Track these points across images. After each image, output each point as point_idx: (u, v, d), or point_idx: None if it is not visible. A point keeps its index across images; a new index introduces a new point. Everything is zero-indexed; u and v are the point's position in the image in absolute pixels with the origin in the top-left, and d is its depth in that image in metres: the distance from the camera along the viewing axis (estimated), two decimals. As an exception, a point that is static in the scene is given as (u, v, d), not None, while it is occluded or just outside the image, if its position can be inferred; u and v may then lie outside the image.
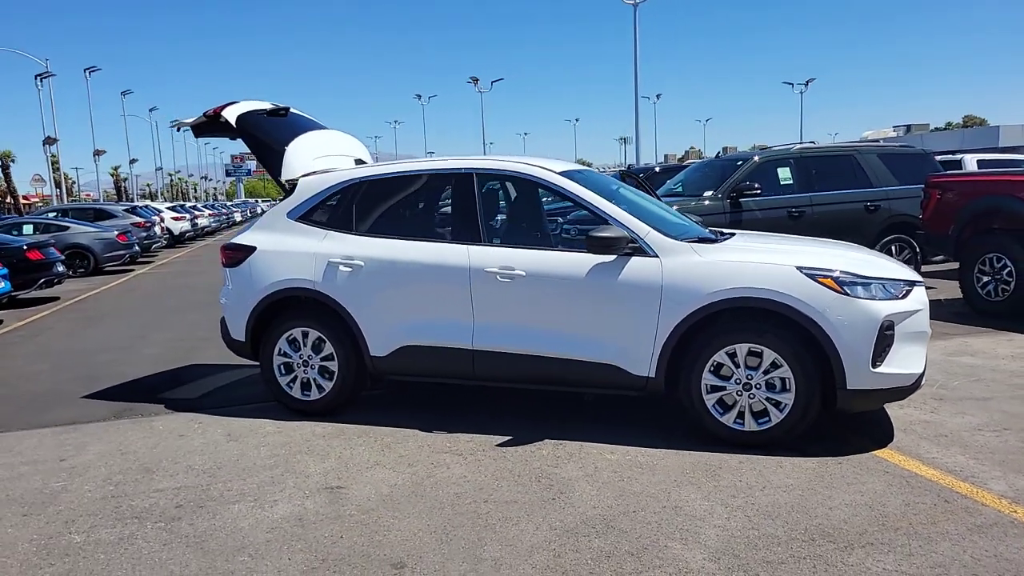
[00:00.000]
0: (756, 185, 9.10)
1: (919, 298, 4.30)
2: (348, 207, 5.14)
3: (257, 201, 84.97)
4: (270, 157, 5.35)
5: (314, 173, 5.39)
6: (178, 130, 5.83)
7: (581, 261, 4.50)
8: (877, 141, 22.94)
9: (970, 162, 13.68)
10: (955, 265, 8.50)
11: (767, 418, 4.26)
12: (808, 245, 4.83)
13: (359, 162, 5.89)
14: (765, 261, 4.29)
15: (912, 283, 4.34)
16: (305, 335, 5.13)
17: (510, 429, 4.74)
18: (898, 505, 3.56)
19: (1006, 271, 7.73)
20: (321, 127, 5.95)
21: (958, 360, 6.09)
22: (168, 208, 28.02)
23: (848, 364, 4.09)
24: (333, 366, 5.09)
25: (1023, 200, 7.57)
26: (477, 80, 51.46)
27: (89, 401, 5.93)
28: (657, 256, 4.40)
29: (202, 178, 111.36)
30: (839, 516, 3.46)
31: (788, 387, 4.19)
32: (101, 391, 6.22)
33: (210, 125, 5.51)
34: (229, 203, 55.89)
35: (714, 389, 4.33)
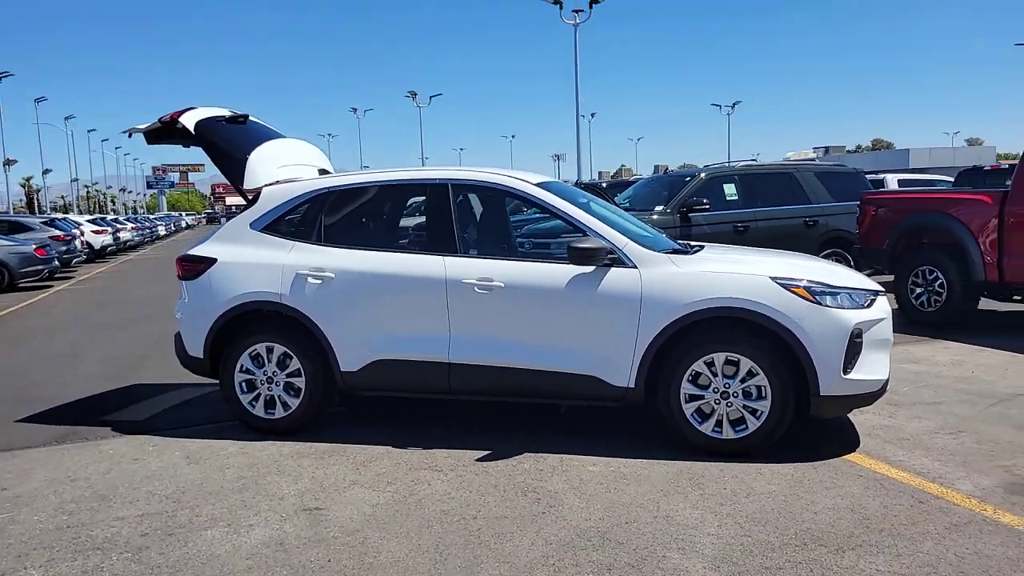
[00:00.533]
0: (704, 200, 9.31)
1: (883, 307, 4.44)
2: (316, 218, 4.99)
3: (181, 215, 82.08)
4: (232, 166, 5.16)
5: (278, 182, 5.22)
6: (130, 136, 5.57)
7: (559, 272, 4.49)
8: (813, 160, 23.87)
9: (892, 181, 14.37)
10: (889, 277, 8.87)
11: (744, 426, 4.31)
12: (776, 257, 4.95)
13: (322, 172, 5.75)
14: (740, 272, 4.36)
15: (875, 293, 4.49)
16: (270, 350, 4.94)
17: (486, 443, 4.67)
18: (877, 507, 3.65)
19: (938, 283, 8.10)
20: (280, 136, 5.79)
21: (904, 367, 6.32)
22: (88, 221, 26.81)
23: (821, 371, 4.18)
24: (300, 382, 4.91)
25: (952, 216, 7.96)
26: (416, 94, 51.19)
27: (24, 425, 5.56)
28: (636, 267, 4.42)
29: (121, 190, 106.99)
30: (825, 520, 3.52)
31: (764, 395, 4.26)
32: (36, 414, 5.84)
33: (166, 131, 5.28)
34: (152, 216, 53.96)
35: (692, 398, 4.37)
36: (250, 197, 5.20)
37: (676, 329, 4.31)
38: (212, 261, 5.04)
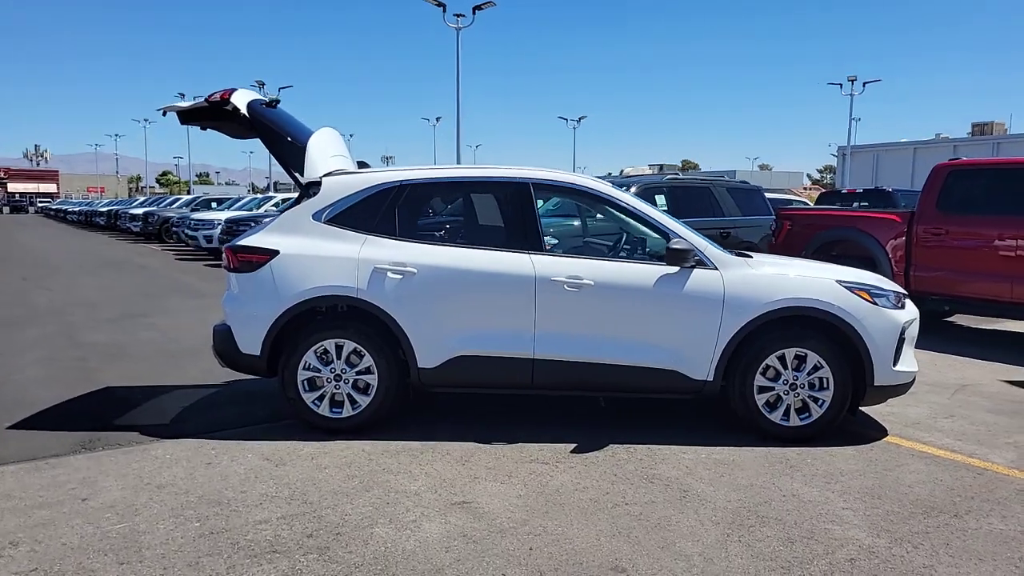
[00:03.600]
0: None
1: (912, 308, 5.11)
2: (390, 211, 4.89)
3: None
4: (291, 153, 4.92)
5: (336, 173, 5.05)
6: (164, 114, 5.14)
7: (647, 272, 4.74)
8: (663, 173, 25.49)
9: (762, 198, 15.85)
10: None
11: (808, 414, 4.79)
12: (812, 263, 5.49)
13: (361, 164, 5.60)
14: (810, 275, 4.85)
15: (905, 296, 5.14)
16: (339, 347, 4.77)
17: (561, 436, 4.80)
18: (950, 480, 4.23)
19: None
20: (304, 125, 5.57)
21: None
22: None
23: (877, 364, 4.75)
24: (371, 380, 4.79)
25: (866, 232, 9.08)
26: (263, 83, 47.97)
27: (24, 433, 4.93)
28: (717, 269, 4.77)
29: None
30: (922, 492, 4.05)
31: (827, 386, 4.76)
32: (25, 421, 5.19)
33: (208, 112, 4.94)
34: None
35: (763, 390, 4.78)
36: (306, 186, 4.99)
37: (753, 327, 4.71)
38: (274, 253, 4.80)
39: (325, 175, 5.00)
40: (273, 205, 22.54)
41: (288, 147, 4.94)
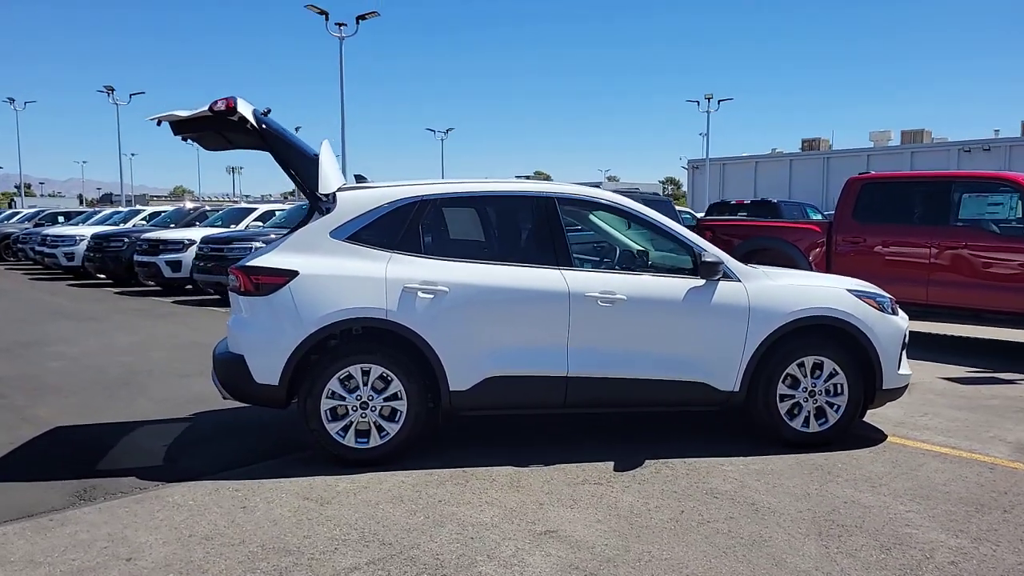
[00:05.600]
0: None
1: (903, 314, 5.43)
2: (413, 227, 4.63)
3: None
4: (305, 166, 4.57)
5: (348, 188, 4.73)
6: (159, 124, 4.60)
7: (676, 286, 4.76)
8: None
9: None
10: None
11: (824, 419, 4.97)
12: (810, 274, 5.72)
13: (358, 178, 5.27)
14: (824, 285, 5.05)
15: (895, 301, 5.46)
16: (365, 373, 4.46)
17: (591, 455, 4.72)
18: (974, 476, 4.48)
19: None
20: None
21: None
22: None
23: (886, 369, 5.00)
24: (400, 406, 4.50)
25: (787, 241, 9.62)
26: (112, 90, 44.10)
27: (6, 486, 4.27)
28: (740, 281, 4.86)
29: None
30: (960, 488, 4.27)
31: (842, 391, 4.97)
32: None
33: (209, 122, 4.50)
34: None
35: (784, 398, 4.92)
36: (319, 201, 4.65)
37: (777, 337, 4.84)
38: (293, 274, 4.42)
39: (338, 189, 4.67)
40: (143, 219, 20.95)
41: (301, 158, 4.58)
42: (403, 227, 4.62)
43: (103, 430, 5.37)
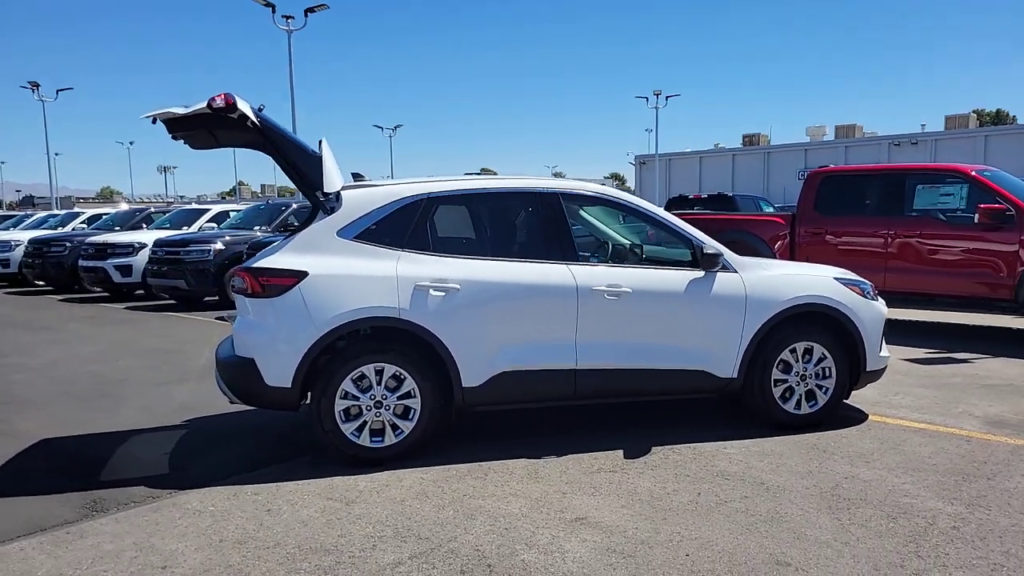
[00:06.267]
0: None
1: (882, 301, 5.71)
2: (421, 225, 4.66)
3: None
4: (309, 164, 4.55)
5: (352, 186, 4.74)
6: (154, 122, 4.50)
7: (678, 277, 4.92)
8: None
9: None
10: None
11: (814, 401, 5.21)
12: (798, 264, 5.95)
13: (356, 176, 5.28)
14: (813, 274, 5.28)
15: (875, 288, 5.73)
16: (379, 372, 4.48)
17: (598, 444, 4.85)
18: (953, 448, 4.77)
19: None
20: None
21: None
22: None
23: (869, 352, 5.27)
24: (413, 404, 4.54)
25: (752, 233, 9.94)
26: (37, 86, 42.22)
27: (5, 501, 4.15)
28: (737, 271, 5.05)
29: None
30: (944, 460, 4.54)
31: (830, 374, 5.21)
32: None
33: (203, 120, 4.44)
34: None
35: (778, 383, 5.14)
36: (323, 200, 4.64)
37: (771, 324, 5.05)
38: (302, 274, 4.41)
39: (343, 188, 4.67)
40: (83, 222, 20.23)
41: (304, 156, 4.56)
42: (411, 225, 4.66)
43: (94, 441, 5.24)
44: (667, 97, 45.57)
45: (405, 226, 4.66)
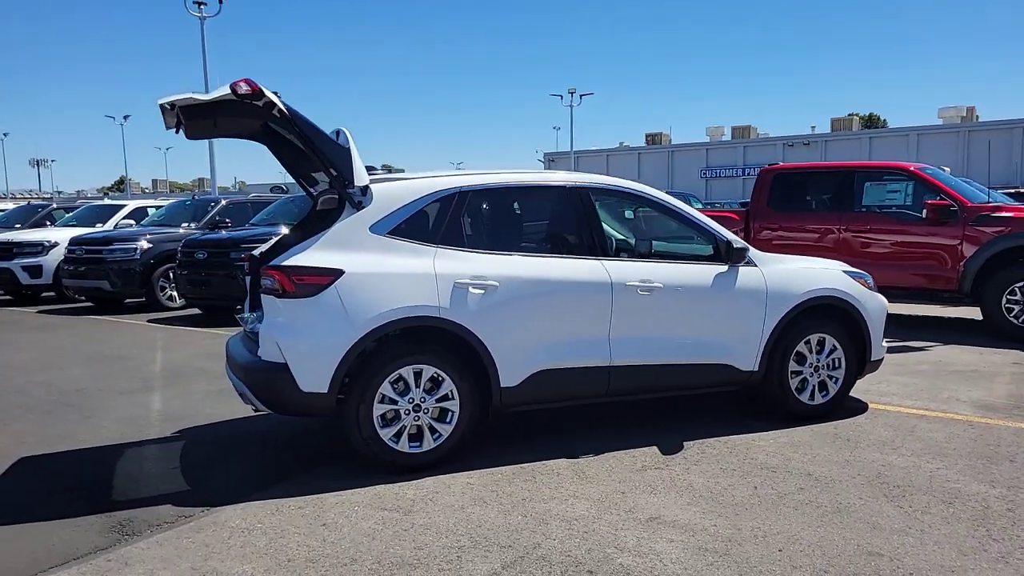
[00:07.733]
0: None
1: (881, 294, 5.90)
2: (455, 220, 4.47)
3: None
4: (337, 155, 4.27)
5: (378, 180, 4.50)
6: (172, 108, 4.11)
7: (705, 272, 4.93)
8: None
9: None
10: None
11: (826, 392, 5.34)
12: (808, 258, 6.06)
13: (370, 169, 5.00)
14: (825, 267, 5.41)
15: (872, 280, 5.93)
16: (417, 374, 4.27)
17: (631, 442, 4.81)
18: (963, 433, 4.97)
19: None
20: None
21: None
22: None
23: (874, 342, 5.45)
24: (451, 406, 4.35)
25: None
26: None
27: (7, 529, 3.70)
28: (757, 266, 5.11)
29: None
30: (959, 445, 4.74)
31: (840, 365, 5.36)
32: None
33: (217, 108, 4.12)
34: None
35: (794, 374, 5.24)
36: (351, 194, 4.38)
37: (790, 317, 5.14)
38: (339, 272, 4.14)
39: (375, 182, 4.43)
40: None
41: (333, 148, 4.29)
42: (445, 220, 4.46)
43: (84, 457, 4.78)
44: (581, 96, 46.22)
45: (439, 221, 4.46)
